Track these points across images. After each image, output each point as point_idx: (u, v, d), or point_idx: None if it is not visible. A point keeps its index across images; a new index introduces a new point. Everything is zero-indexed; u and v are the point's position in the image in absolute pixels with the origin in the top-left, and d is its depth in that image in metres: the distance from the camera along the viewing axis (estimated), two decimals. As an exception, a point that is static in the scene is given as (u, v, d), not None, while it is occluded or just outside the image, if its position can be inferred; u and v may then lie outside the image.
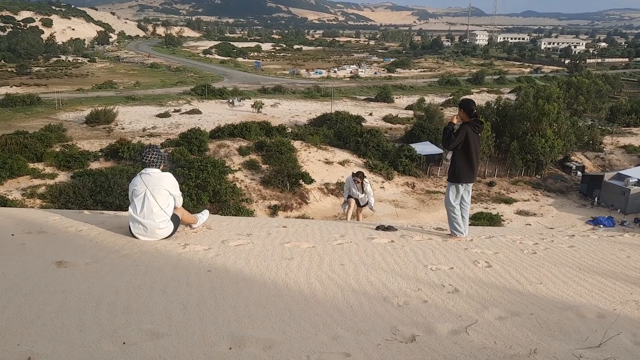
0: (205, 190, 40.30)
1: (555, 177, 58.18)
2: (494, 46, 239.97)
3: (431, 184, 54.05)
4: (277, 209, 43.57)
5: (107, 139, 61.37)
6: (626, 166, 59.97)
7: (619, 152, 65.83)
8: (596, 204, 51.60)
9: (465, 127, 7.00)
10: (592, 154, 64.98)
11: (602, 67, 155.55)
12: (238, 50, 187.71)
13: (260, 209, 43.68)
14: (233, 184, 43.89)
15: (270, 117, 78.30)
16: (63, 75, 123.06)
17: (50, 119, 73.90)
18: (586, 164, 62.31)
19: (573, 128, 62.14)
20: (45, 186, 40.10)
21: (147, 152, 5.96)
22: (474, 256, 5.99)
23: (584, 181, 55.71)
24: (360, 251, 5.89)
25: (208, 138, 52.77)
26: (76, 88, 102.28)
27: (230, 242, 5.92)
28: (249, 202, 43.25)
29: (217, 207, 40.98)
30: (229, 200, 41.45)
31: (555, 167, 60.13)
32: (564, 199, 53.85)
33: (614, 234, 8.54)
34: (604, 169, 60.84)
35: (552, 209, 50.98)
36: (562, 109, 62.30)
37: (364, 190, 12.19)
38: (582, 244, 7.08)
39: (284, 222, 7.92)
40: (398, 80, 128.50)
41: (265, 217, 10.39)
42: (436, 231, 7.80)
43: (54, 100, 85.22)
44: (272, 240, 6.24)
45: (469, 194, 7.36)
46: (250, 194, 44.79)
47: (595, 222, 46.74)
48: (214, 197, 40.99)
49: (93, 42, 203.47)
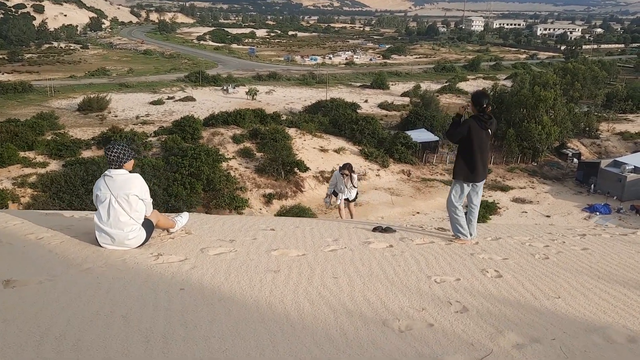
0: (199, 178, 39.80)
1: (551, 164, 57.87)
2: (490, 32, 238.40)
3: (427, 172, 53.64)
4: (272, 197, 43.13)
5: (100, 127, 60.65)
6: (622, 153, 59.74)
7: (615, 138, 65.56)
8: (592, 191, 51.41)
9: (470, 121, 6.44)
10: (589, 140, 64.66)
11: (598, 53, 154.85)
12: (232, 37, 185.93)
13: (255, 197, 43.22)
14: (227, 172, 43.39)
15: (265, 104, 77.67)
16: (55, 62, 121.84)
17: (42, 107, 73.08)
18: (582, 150, 62.04)
19: (569, 115, 61.72)
20: (36, 175, 39.48)
21: (109, 148, 5.17)
22: (482, 263, 5.44)
23: (580, 168, 55.49)
24: (355, 259, 5.32)
25: (202, 126, 52.15)
26: (68, 75, 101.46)
27: (210, 251, 5.33)
28: (243, 190, 42.76)
29: (211, 196, 40.56)
30: (223, 188, 40.96)
31: (552, 154, 59.80)
32: (560, 186, 53.61)
33: (626, 232, 8.00)
34: (600, 156, 60.57)
35: (548, 196, 50.72)
36: (558, 95, 61.87)
37: (352, 185, 11.45)
38: (596, 246, 6.54)
39: (272, 224, 7.29)
40: (393, 67, 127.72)
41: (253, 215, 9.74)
42: (438, 232, 7.24)
43: (46, 87, 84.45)
44: (258, 246, 5.65)
45: (479, 196, 6.74)
46: (245, 183, 44.30)
47: (591, 209, 46.57)
48: (208, 186, 40.50)
49: (85, 29, 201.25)
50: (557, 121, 58.07)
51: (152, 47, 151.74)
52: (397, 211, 44.12)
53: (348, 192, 11.44)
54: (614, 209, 46.87)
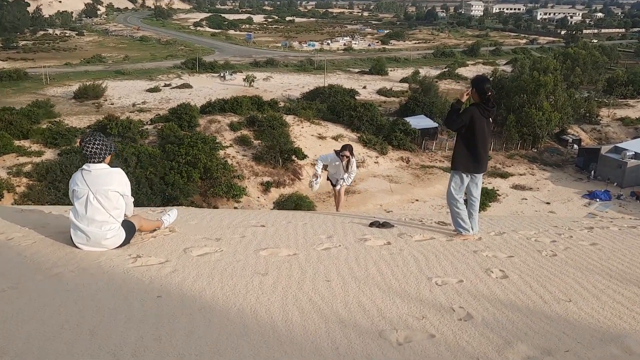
0: (196, 167, 39.51)
1: (551, 150, 57.58)
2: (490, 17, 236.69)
3: (426, 159, 53.35)
4: (269, 185, 42.92)
5: (96, 115, 60.29)
6: (623, 139, 59.41)
7: (616, 124, 65.18)
8: (592, 177, 51.22)
9: (471, 109, 6.06)
10: (589, 126, 64.31)
11: (598, 38, 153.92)
12: (229, 23, 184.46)
13: (253, 185, 42.97)
14: (224, 160, 43.10)
15: (263, 91, 77.21)
16: (50, 49, 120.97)
17: (38, 95, 72.57)
18: (582, 136, 61.73)
19: (570, 100, 61.29)
20: (31, 164, 39.09)
21: (87, 142, 4.78)
22: (486, 262, 5.08)
23: (580, 154, 55.25)
24: (350, 259, 4.96)
25: (198, 113, 51.79)
26: (64, 62, 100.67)
27: (193, 251, 4.95)
28: (240, 178, 42.52)
29: (208, 184, 40.32)
30: (220, 177, 40.69)
31: (552, 140, 59.49)
32: (560, 173, 53.38)
33: (635, 224, 7.66)
34: (600, 142, 60.28)
35: (548, 182, 50.49)
36: (558, 80, 61.41)
37: (349, 170, 10.04)
38: (605, 240, 6.23)
39: (263, 219, 6.90)
40: (392, 53, 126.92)
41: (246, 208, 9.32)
42: (438, 226, 6.83)
43: (41, 75, 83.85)
44: (246, 245, 5.28)
45: (478, 188, 6.32)
46: (242, 170, 44.03)
47: (591, 196, 46.39)
48: (205, 174, 40.25)
49: (81, 15, 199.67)
50: (557, 107, 57.68)
51: (148, 34, 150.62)
52: (396, 199, 43.85)
53: (341, 177, 10.26)
54: (614, 196, 46.69)
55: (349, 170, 10.07)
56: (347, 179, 10.25)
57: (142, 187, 35.93)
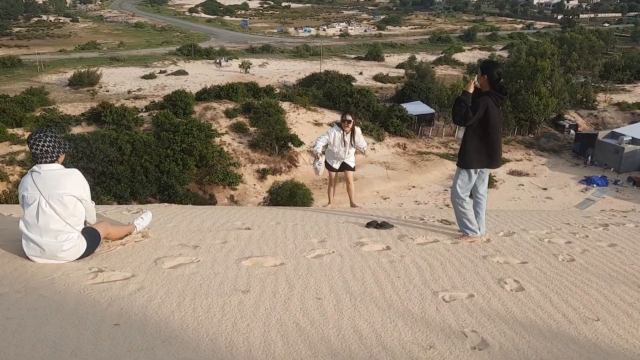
0: (191, 154, 39.09)
1: (548, 135, 57.24)
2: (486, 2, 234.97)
3: (423, 145, 52.93)
4: (265, 172, 42.53)
5: (91, 102, 59.55)
6: (619, 124, 59.10)
7: (613, 109, 64.78)
8: (589, 163, 51.06)
9: (486, 100, 5.37)
10: (586, 112, 63.89)
11: (595, 23, 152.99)
12: (225, 9, 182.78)
13: (249, 173, 42.55)
14: (220, 147, 42.68)
15: (258, 77, 76.65)
16: (45, 35, 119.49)
17: (32, 82, 71.76)
18: (579, 122, 61.38)
19: (567, 86, 60.86)
20: (25, 152, 38.52)
21: (37, 139, 4.11)
22: (497, 270, 4.53)
23: (577, 140, 54.99)
24: (345, 269, 4.38)
25: (194, 100, 51.19)
26: (58, 49, 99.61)
27: (166, 262, 4.31)
28: (236, 166, 42.11)
29: (204, 172, 39.93)
30: (216, 164, 40.29)
31: (548, 125, 59.10)
32: (557, 158, 53.11)
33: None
34: (597, 127, 59.97)
35: (545, 168, 50.20)
36: (555, 65, 60.90)
37: (354, 141, 8.44)
38: (625, 241, 5.70)
39: (250, 218, 6.28)
40: (388, 38, 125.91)
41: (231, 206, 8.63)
42: (442, 225, 6.25)
43: (35, 62, 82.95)
44: (227, 254, 4.66)
45: (485, 184, 5.75)
46: (238, 158, 43.60)
47: (588, 181, 46.19)
48: (201, 162, 39.84)
49: (75, 1, 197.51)
50: (554, 92, 57.20)
51: (144, 20, 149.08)
52: (393, 185, 43.43)
53: (346, 155, 8.53)
54: (611, 181, 46.49)
55: (356, 142, 8.42)
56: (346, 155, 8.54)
57: (137, 176, 35.48)
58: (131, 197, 35.45)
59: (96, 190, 34.54)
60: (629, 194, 44.21)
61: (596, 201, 42.39)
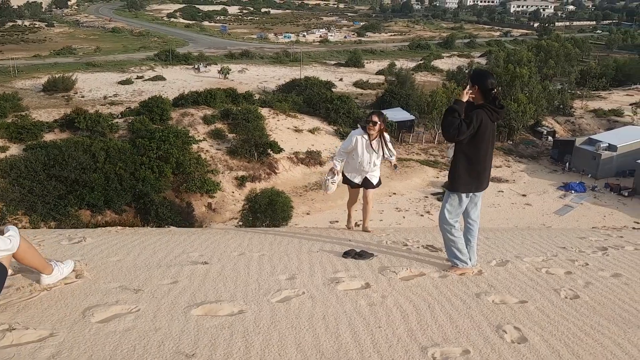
0: (168, 162, 38.56)
1: (526, 142, 57.62)
2: (464, 9, 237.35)
3: (403, 152, 52.81)
4: (244, 180, 42.05)
5: (65, 108, 58.37)
6: (596, 130, 59.75)
7: (589, 116, 65.43)
8: (567, 169, 51.48)
9: (480, 113, 4.79)
10: (563, 118, 64.46)
11: (570, 31, 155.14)
12: (204, 14, 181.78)
13: (227, 180, 42.00)
14: (197, 154, 42.11)
15: (238, 83, 76.10)
16: (19, 40, 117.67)
17: (5, 87, 70.16)
18: (557, 128, 61.89)
19: (544, 92, 61.42)
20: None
21: None
22: (494, 313, 4.02)
23: (555, 146, 55.47)
24: (316, 318, 3.77)
25: (171, 106, 50.47)
26: (33, 54, 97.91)
27: (97, 314, 3.60)
28: (214, 173, 41.60)
29: (181, 180, 39.32)
30: (193, 172, 39.74)
31: (527, 132, 59.46)
32: (535, 165, 53.46)
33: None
34: (574, 134, 60.51)
35: (524, 175, 50.45)
36: (533, 73, 61.45)
37: (385, 150, 7.01)
38: (626, 268, 5.29)
39: (210, 247, 5.55)
40: (368, 45, 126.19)
41: (190, 231, 6.74)
42: (427, 253, 5.74)
43: (9, 67, 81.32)
44: (175, 299, 3.97)
45: (478, 208, 5.19)
46: (216, 165, 43.07)
47: (566, 187, 46.53)
48: (177, 169, 39.30)
49: (50, 6, 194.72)
50: (532, 99, 57.59)
51: (121, 25, 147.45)
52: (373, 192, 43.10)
53: (371, 167, 7.02)
54: (589, 187, 46.89)
55: (385, 151, 6.97)
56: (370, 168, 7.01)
57: (111, 184, 34.76)
58: (105, 205, 34.69)
59: (68, 199, 33.70)
60: (607, 200, 44.59)
61: (575, 207, 42.67)
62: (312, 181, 43.75)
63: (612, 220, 39.86)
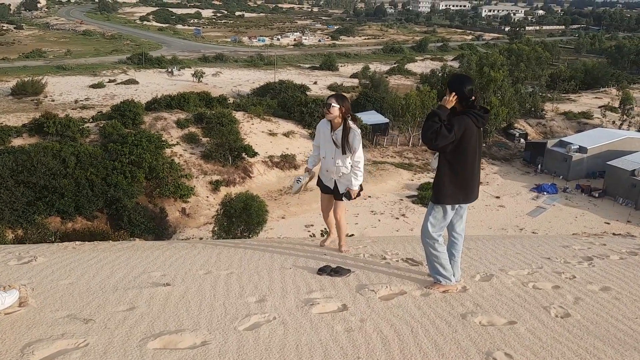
0: (141, 166, 37.86)
1: (499, 144, 58.11)
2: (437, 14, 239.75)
3: (378, 154, 52.86)
4: (219, 184, 41.60)
5: (35, 112, 57.16)
6: (567, 132, 60.65)
7: (560, 118, 66.40)
8: (539, 171, 52.13)
9: (463, 120, 4.44)
10: (534, 120, 65.29)
11: (540, 35, 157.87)
12: (177, 17, 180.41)
13: (201, 185, 41.44)
14: (171, 159, 41.48)
15: (212, 86, 75.64)
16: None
17: (-29, 91, 68.68)
18: (529, 131, 62.65)
19: (516, 95, 62.11)
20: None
21: None
22: (482, 337, 3.69)
23: (527, 148, 56.13)
24: (288, 349, 3.39)
25: (143, 110, 49.69)
26: (1, 57, 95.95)
27: (37, 351, 3.17)
28: (188, 178, 41.01)
29: (154, 184, 38.67)
30: (166, 176, 39.09)
31: (499, 135, 59.99)
32: (508, 167, 53.95)
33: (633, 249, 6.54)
34: (545, 136, 61.33)
35: (497, 177, 50.84)
36: (505, 76, 62.12)
37: (347, 141, 5.65)
38: (614, 280, 5.01)
39: (174, 265, 5.11)
40: (342, 48, 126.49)
41: (154, 246, 6.07)
42: (407, 266, 5.38)
43: (-25, 70, 79.41)
44: (130, 330, 3.55)
45: (463, 220, 4.84)
46: (190, 169, 42.45)
47: (539, 189, 47.06)
48: (150, 174, 38.59)
49: (19, 8, 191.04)
50: (504, 102, 58.11)
51: (92, 28, 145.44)
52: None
53: (335, 165, 5.76)
54: (561, 189, 47.52)
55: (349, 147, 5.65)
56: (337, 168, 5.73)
57: (82, 189, 33.91)
58: (76, 212, 33.85)
59: (37, 206, 32.76)
60: (578, 201, 45.16)
61: (547, 209, 43.10)
62: (287, 185, 43.48)
63: (583, 221, 40.29)
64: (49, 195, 33.29)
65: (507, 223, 39.67)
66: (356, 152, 5.71)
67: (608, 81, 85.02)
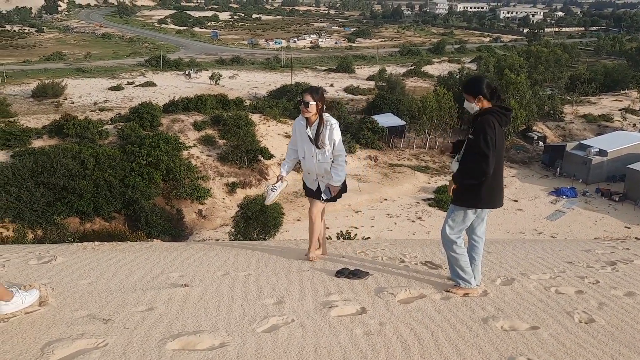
0: (158, 168, 38.18)
1: (517, 147, 57.65)
2: (454, 15, 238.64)
3: (394, 157, 52.71)
4: (235, 186, 41.74)
5: (55, 114, 57.95)
6: (586, 135, 59.91)
7: (579, 121, 65.59)
8: (558, 174, 51.55)
9: (490, 120, 4.27)
10: (553, 123, 64.57)
11: (559, 37, 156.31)
12: (195, 20, 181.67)
13: (218, 187, 41.64)
14: (188, 161, 41.75)
15: (229, 89, 75.93)
16: (8, 46, 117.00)
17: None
18: (547, 134, 61.97)
19: (534, 98, 61.50)
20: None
21: None
22: (504, 342, 3.61)
23: (546, 151, 55.59)
24: (307, 352, 3.35)
25: (161, 112, 50.06)
26: (22, 60, 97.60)
27: (57, 350, 3.16)
28: (205, 179, 41.27)
29: (171, 186, 38.92)
30: (183, 178, 39.38)
31: (518, 137, 59.51)
32: (526, 170, 53.47)
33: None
34: (564, 139, 60.63)
35: (515, 180, 50.38)
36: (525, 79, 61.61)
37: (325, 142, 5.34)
38: (638, 284, 4.91)
39: (192, 266, 5.11)
40: (359, 50, 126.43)
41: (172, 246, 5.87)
42: (426, 269, 5.32)
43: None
44: (149, 330, 3.54)
45: (484, 223, 4.71)
46: (207, 171, 42.72)
47: (558, 193, 46.54)
48: (168, 176, 38.95)
49: (40, 11, 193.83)
50: (522, 104, 57.61)
51: (111, 31, 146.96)
52: (365, 198, 42.91)
53: (314, 162, 5.41)
54: (580, 192, 46.93)
55: (325, 144, 5.29)
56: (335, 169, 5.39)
57: (100, 190, 34.26)
58: (94, 212, 34.20)
59: (57, 206, 33.14)
60: (598, 205, 44.60)
61: (566, 212, 42.63)
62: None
63: (603, 225, 39.75)
64: (68, 196, 33.67)
65: (525, 227, 39.26)
66: (335, 145, 5.39)
67: (629, 83, 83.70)
